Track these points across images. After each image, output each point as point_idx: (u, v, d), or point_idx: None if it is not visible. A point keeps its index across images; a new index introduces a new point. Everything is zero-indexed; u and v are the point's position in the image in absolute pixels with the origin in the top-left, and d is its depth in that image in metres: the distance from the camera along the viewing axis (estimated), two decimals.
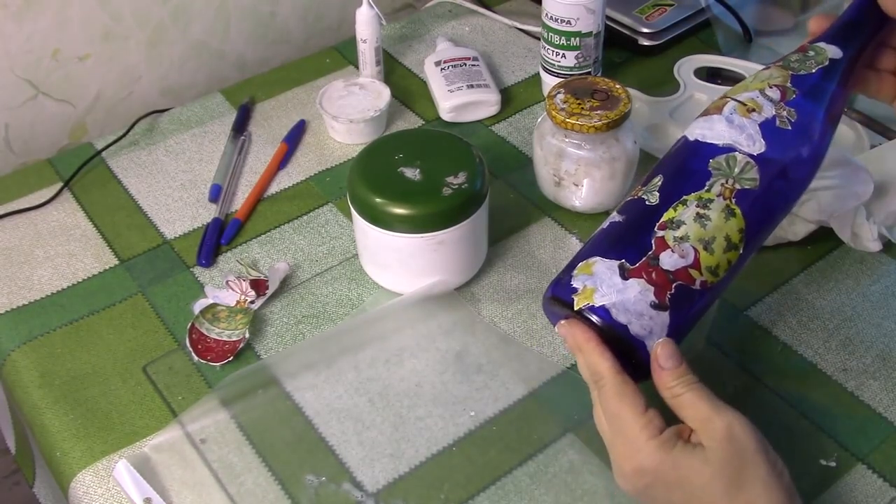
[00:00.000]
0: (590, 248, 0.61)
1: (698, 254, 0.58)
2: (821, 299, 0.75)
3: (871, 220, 0.75)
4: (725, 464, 0.52)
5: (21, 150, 0.99)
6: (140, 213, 0.85)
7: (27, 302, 0.77)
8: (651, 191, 0.61)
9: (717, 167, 0.60)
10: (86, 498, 0.64)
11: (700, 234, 0.58)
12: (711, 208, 0.59)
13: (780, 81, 0.62)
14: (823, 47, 0.63)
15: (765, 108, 0.61)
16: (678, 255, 0.58)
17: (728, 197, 0.59)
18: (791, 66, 0.63)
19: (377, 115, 0.90)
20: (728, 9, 1.01)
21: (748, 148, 0.60)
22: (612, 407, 0.56)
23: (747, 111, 0.61)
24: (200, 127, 0.94)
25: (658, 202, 0.60)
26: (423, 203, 0.70)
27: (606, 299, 0.57)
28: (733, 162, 0.60)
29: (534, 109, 0.95)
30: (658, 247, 0.58)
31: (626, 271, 0.58)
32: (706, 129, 0.62)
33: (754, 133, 0.60)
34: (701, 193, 0.59)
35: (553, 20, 0.89)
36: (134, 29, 0.99)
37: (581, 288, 0.58)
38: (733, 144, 0.60)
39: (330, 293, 0.77)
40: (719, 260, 0.59)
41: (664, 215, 0.59)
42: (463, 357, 0.71)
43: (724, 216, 0.59)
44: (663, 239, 0.58)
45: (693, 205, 0.59)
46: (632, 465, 0.55)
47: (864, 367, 0.70)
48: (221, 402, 0.69)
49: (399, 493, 0.63)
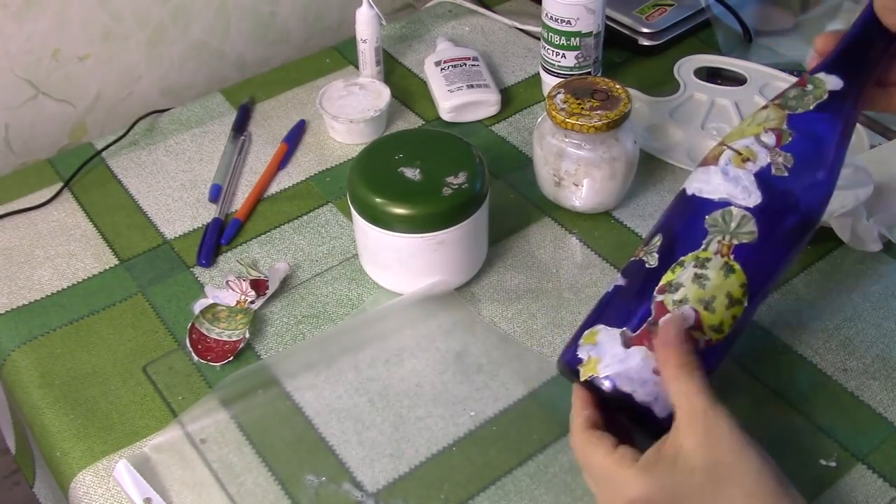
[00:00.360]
0: (595, 315, 0.61)
1: (699, 315, 0.57)
2: (821, 299, 0.75)
3: (871, 220, 0.75)
4: (712, 464, 0.51)
5: (21, 150, 0.99)
6: (140, 213, 0.85)
7: (27, 302, 0.77)
8: (651, 252, 0.60)
9: (713, 224, 0.59)
10: (86, 498, 0.65)
11: (699, 294, 0.58)
12: (709, 267, 0.58)
13: (775, 124, 0.61)
14: (822, 79, 0.61)
15: (759, 157, 0.60)
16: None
17: (726, 254, 0.58)
18: (788, 104, 0.62)
19: (377, 115, 0.90)
20: (728, 9, 1.01)
21: (743, 201, 0.59)
22: (582, 457, 0.56)
23: (742, 161, 0.60)
24: (200, 127, 0.94)
25: (657, 264, 0.59)
26: (423, 203, 0.70)
27: (610, 370, 0.57)
28: (729, 217, 0.59)
29: (534, 109, 0.95)
30: (658, 312, 0.58)
31: (627, 340, 0.58)
32: (703, 182, 0.61)
33: (749, 184, 0.59)
34: (698, 253, 0.59)
35: (553, 20, 0.89)
36: (134, 29, 0.99)
37: (586, 359, 0.58)
38: (728, 198, 0.59)
39: (330, 293, 0.77)
40: (722, 318, 0.58)
41: (662, 278, 0.59)
42: (463, 357, 0.71)
43: (722, 274, 0.58)
44: (662, 303, 0.58)
45: (690, 266, 0.58)
46: (621, 502, 0.53)
47: (864, 367, 0.70)
48: (221, 402, 0.69)
49: (399, 493, 0.63)
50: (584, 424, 0.57)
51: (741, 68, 0.95)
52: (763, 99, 0.92)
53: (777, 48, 1.00)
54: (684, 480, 0.52)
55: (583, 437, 0.56)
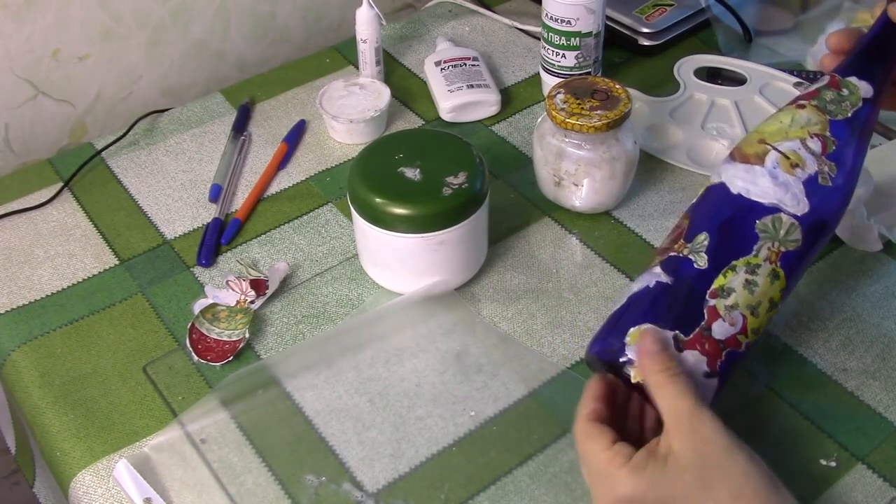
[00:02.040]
0: (640, 310, 0.60)
1: (746, 320, 0.59)
2: (821, 299, 0.75)
3: (871, 220, 0.75)
4: (701, 465, 0.52)
5: (21, 150, 0.99)
6: (140, 213, 0.85)
7: (27, 302, 0.77)
8: (698, 251, 0.61)
9: (763, 230, 0.60)
10: (86, 498, 0.65)
11: (748, 300, 0.59)
12: (759, 273, 0.60)
13: (819, 129, 0.62)
14: (856, 84, 0.63)
15: (808, 164, 0.61)
16: (729, 323, 0.59)
17: (774, 261, 0.60)
18: (828, 108, 0.63)
19: (377, 115, 0.90)
20: (728, 9, 1.01)
21: (793, 209, 0.61)
22: (581, 448, 0.57)
23: (791, 166, 0.61)
24: (200, 127, 0.94)
25: (707, 266, 0.60)
26: (423, 203, 0.70)
27: None
28: (779, 224, 0.60)
29: (534, 109, 0.95)
30: (711, 317, 0.59)
31: (681, 343, 0.58)
32: (749, 182, 0.62)
33: (799, 192, 0.61)
34: (749, 259, 0.60)
35: (553, 20, 0.89)
36: (134, 29, 0.99)
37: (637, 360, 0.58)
38: (779, 204, 0.61)
39: (330, 293, 0.77)
40: (762, 321, 0.60)
41: (714, 282, 0.59)
42: (463, 357, 0.71)
43: (769, 280, 0.60)
44: (715, 308, 0.59)
45: (742, 271, 0.59)
46: (611, 498, 0.54)
47: (864, 367, 0.70)
48: (221, 402, 0.69)
49: (399, 493, 0.63)
50: (589, 416, 0.57)
51: (741, 68, 0.95)
52: (763, 99, 0.92)
53: (777, 48, 1.00)
54: (674, 481, 0.52)
55: (585, 427, 0.57)
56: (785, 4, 1.04)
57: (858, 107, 0.62)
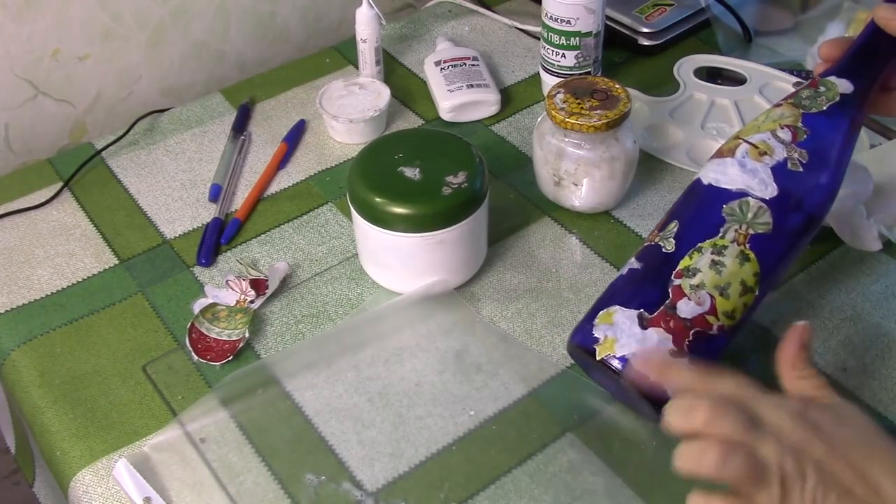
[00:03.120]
0: (610, 296, 0.63)
1: (714, 300, 0.60)
2: (820, 299, 0.75)
3: (871, 220, 0.75)
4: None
5: (21, 150, 0.99)
6: (140, 212, 0.85)
7: (27, 302, 0.77)
8: (667, 237, 0.63)
9: (730, 213, 0.61)
10: (85, 497, 0.65)
11: (715, 280, 0.60)
12: (726, 255, 0.60)
13: (791, 121, 0.63)
14: (834, 82, 0.64)
15: (776, 151, 0.62)
16: (695, 302, 0.60)
17: (742, 242, 0.61)
18: (802, 103, 0.64)
19: (377, 114, 0.90)
20: (728, 9, 1.01)
21: (760, 192, 0.61)
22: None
23: (759, 154, 0.62)
24: (200, 127, 0.94)
25: (674, 249, 0.62)
26: (422, 203, 0.70)
27: (626, 349, 0.59)
28: (746, 207, 0.61)
29: (534, 109, 0.95)
30: (675, 295, 0.60)
31: (644, 321, 0.59)
32: (720, 173, 0.63)
33: (766, 177, 0.62)
34: (715, 240, 0.61)
35: (553, 20, 0.89)
36: (134, 29, 0.99)
37: (602, 338, 0.60)
38: (746, 189, 0.62)
39: (330, 293, 0.77)
40: (735, 304, 0.60)
41: (680, 263, 0.61)
42: (463, 357, 0.71)
43: (738, 262, 0.60)
44: (680, 287, 0.60)
45: (708, 252, 0.61)
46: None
47: (863, 366, 0.70)
48: (221, 402, 0.69)
49: (399, 493, 0.63)
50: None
51: (741, 68, 0.95)
52: (763, 99, 0.92)
53: (777, 48, 1.00)
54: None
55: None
56: (785, 4, 1.04)
57: (835, 101, 0.63)
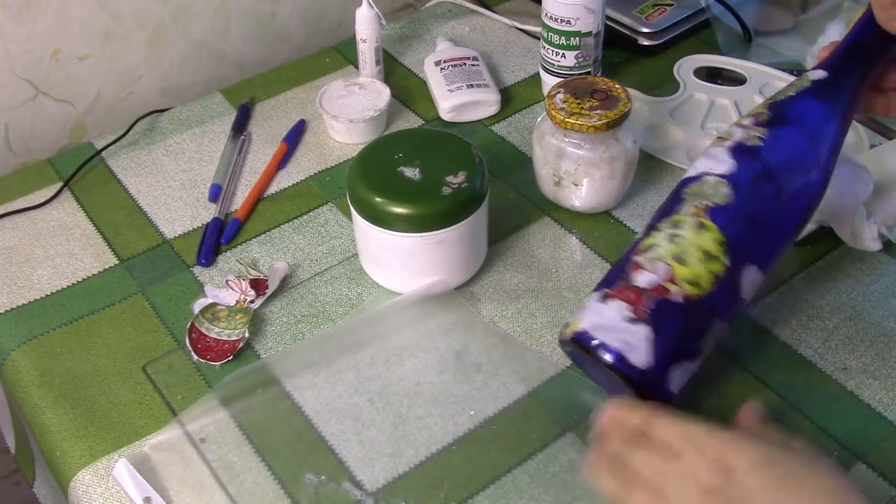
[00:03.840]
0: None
1: (672, 267, 0.61)
2: (820, 299, 0.75)
3: (871, 220, 0.75)
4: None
5: (21, 150, 0.99)
6: (140, 212, 0.85)
7: (27, 302, 0.77)
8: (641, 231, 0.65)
9: (689, 194, 0.63)
10: (85, 497, 0.65)
11: (673, 250, 0.61)
12: (682, 227, 0.62)
13: (757, 111, 0.65)
14: (809, 74, 0.65)
15: (735, 135, 0.64)
16: (649, 271, 0.61)
17: (700, 214, 0.62)
18: (776, 97, 0.66)
19: (377, 114, 0.90)
20: (728, 9, 1.01)
21: (717, 170, 0.63)
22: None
23: (721, 141, 0.65)
24: (200, 127, 0.94)
25: (640, 236, 0.64)
26: (422, 202, 0.70)
27: (587, 323, 0.61)
28: (705, 186, 0.63)
29: (533, 109, 0.95)
30: (632, 268, 0.62)
31: (604, 295, 0.62)
32: (692, 169, 0.65)
33: (723, 155, 0.63)
34: (674, 217, 0.63)
35: (553, 20, 0.89)
36: (134, 29, 0.99)
37: (571, 321, 0.63)
38: (705, 171, 0.63)
39: (330, 293, 0.77)
40: (697, 271, 0.61)
41: (641, 243, 0.63)
42: (463, 357, 0.71)
43: (695, 230, 0.61)
44: (638, 262, 0.62)
45: (666, 229, 0.62)
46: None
47: (863, 366, 0.70)
48: (221, 402, 0.69)
49: (399, 493, 0.63)
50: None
51: (741, 68, 0.95)
52: (762, 98, 0.91)
53: (777, 48, 1.00)
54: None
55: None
56: (785, 4, 1.04)
57: (806, 87, 0.64)
